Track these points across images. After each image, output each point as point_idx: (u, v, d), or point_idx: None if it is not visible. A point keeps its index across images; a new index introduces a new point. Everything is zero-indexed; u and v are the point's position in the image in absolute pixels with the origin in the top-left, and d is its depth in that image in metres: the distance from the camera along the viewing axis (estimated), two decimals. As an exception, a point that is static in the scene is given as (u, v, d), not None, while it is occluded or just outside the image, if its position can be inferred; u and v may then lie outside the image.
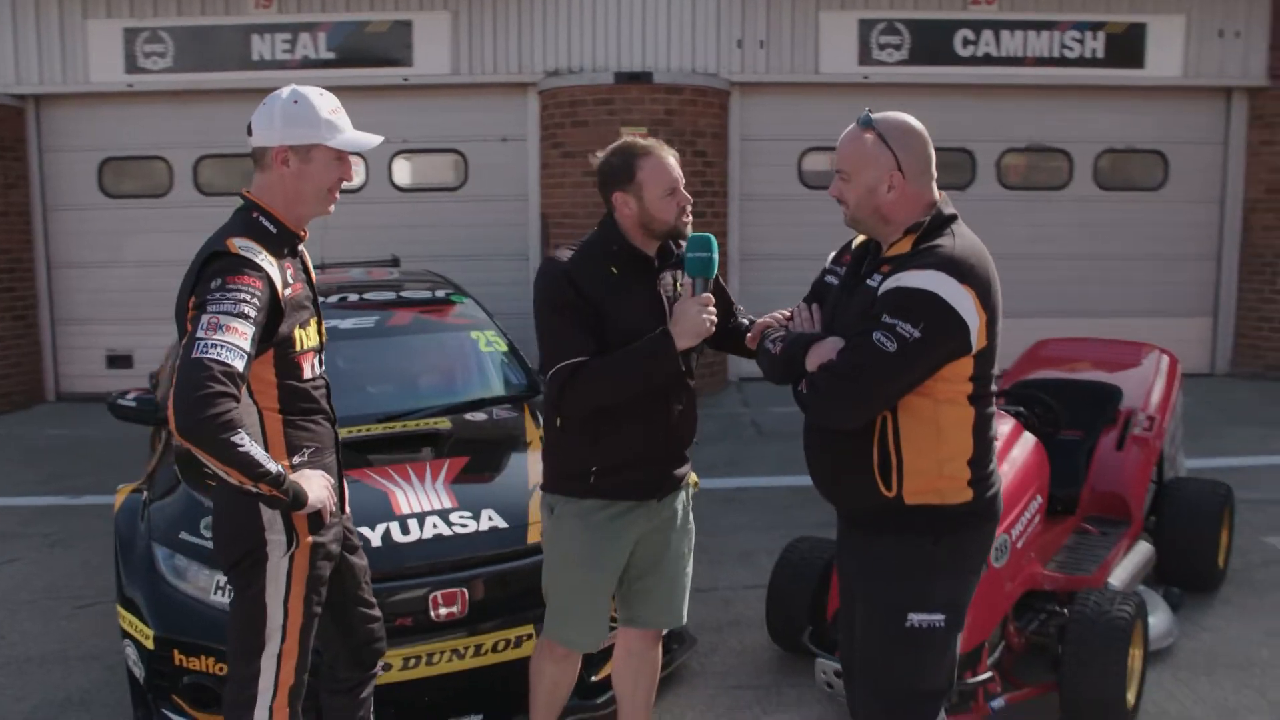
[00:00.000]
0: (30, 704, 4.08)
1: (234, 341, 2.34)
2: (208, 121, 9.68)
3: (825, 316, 2.75)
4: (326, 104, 2.67)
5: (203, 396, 2.26)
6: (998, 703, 3.63)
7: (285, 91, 2.67)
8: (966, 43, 9.75)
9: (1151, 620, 4.18)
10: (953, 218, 2.63)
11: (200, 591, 3.53)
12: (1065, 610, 3.82)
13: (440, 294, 5.51)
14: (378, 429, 4.36)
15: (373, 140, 2.77)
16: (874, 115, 2.63)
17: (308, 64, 9.49)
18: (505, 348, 5.26)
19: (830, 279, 2.86)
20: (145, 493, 4.06)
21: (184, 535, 3.67)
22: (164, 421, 4.61)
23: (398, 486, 3.84)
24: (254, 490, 2.40)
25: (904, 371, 2.44)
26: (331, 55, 9.55)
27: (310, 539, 2.64)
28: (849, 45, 9.76)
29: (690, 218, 3.06)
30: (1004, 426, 4.02)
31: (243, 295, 2.40)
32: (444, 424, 4.47)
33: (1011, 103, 9.93)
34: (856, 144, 2.60)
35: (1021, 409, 4.43)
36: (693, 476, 3.31)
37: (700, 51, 9.54)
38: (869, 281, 2.60)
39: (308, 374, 2.69)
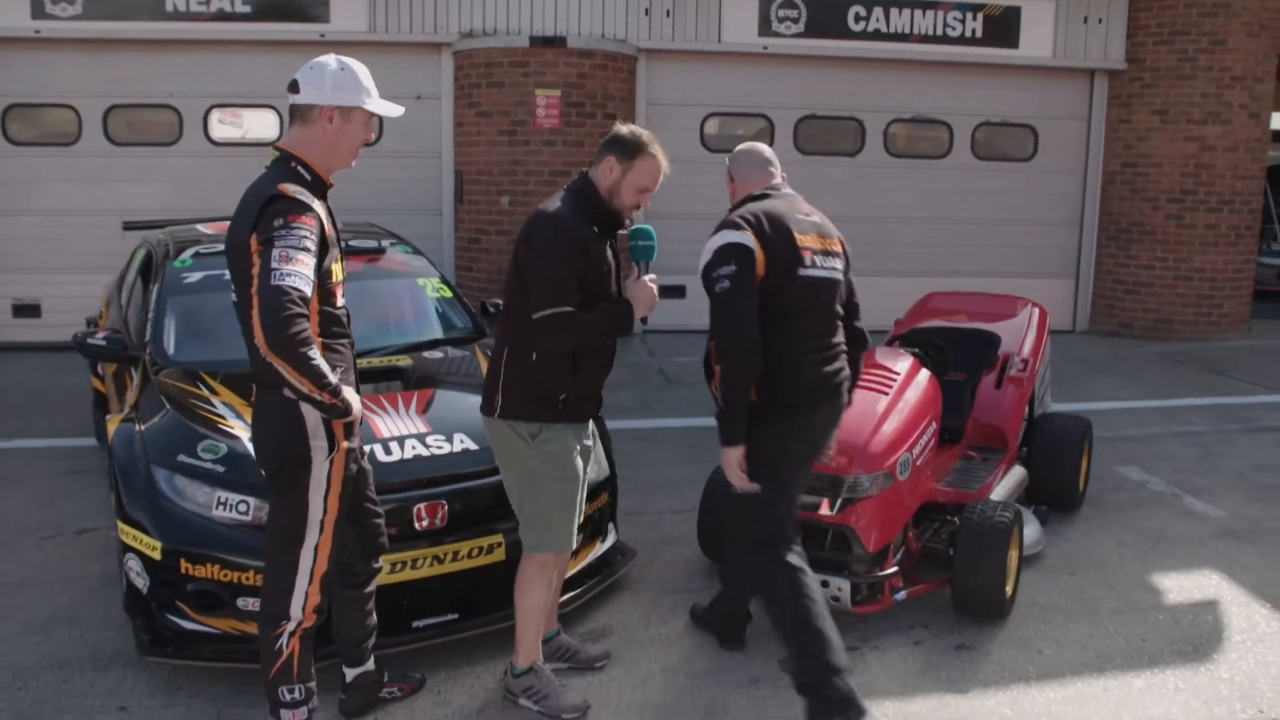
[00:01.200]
0: (18, 622, 4.32)
1: (302, 271, 2.78)
2: (118, 71, 9.70)
3: None
4: (365, 74, 3.10)
5: (286, 317, 2.70)
6: (900, 595, 4.28)
7: (332, 60, 3.08)
8: (858, 18, 10.41)
9: (1025, 530, 4.89)
10: (760, 196, 3.66)
11: (201, 508, 3.89)
12: (956, 520, 4.48)
13: (386, 244, 5.89)
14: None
15: (398, 109, 3.20)
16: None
17: (222, 17, 9.58)
18: (449, 293, 5.69)
19: None
20: (135, 422, 4.39)
21: (182, 458, 4.03)
22: (134, 359, 4.95)
23: (376, 414, 4.25)
24: (316, 398, 2.84)
25: (743, 295, 3.39)
26: (248, 9, 9.64)
27: (345, 444, 3.09)
28: (750, 17, 10.32)
29: (637, 215, 3.62)
30: (903, 363, 4.66)
31: (303, 232, 2.83)
32: (406, 361, 4.90)
33: (898, 76, 10.66)
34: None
35: (918, 350, 5.08)
36: None
37: (610, 18, 9.97)
38: None
39: (339, 302, 3.13)
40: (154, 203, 9.10)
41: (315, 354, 2.77)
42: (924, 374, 4.68)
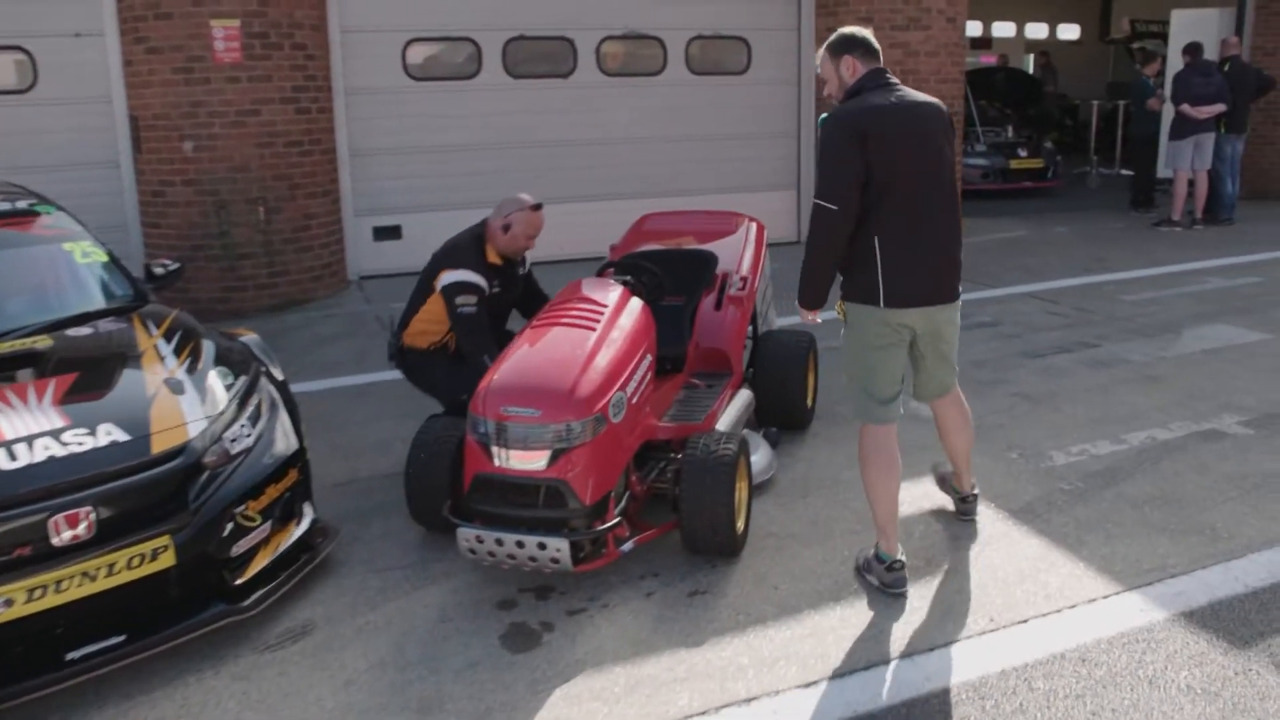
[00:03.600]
0: None
1: None
2: None
3: None
4: None
5: None
6: (627, 545, 3.97)
7: None
8: (560, -69, 9.94)
9: (755, 458, 4.70)
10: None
11: None
12: (680, 456, 4.23)
13: (22, 205, 5.02)
14: (-41, 356, 3.99)
15: None
16: None
17: None
18: (105, 258, 4.92)
19: None
20: None
21: None
22: None
23: (-6, 413, 3.57)
24: None
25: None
26: None
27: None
28: (447, -69, 9.67)
29: None
30: (612, 294, 4.33)
31: None
32: (44, 342, 4.16)
33: (608, -9, 10.28)
34: None
35: (629, 278, 4.76)
36: None
37: (289, -66, 9.06)
38: None
39: None
40: None
41: None
42: (635, 303, 4.36)
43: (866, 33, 3.90)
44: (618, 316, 4.18)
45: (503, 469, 3.78)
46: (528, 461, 3.76)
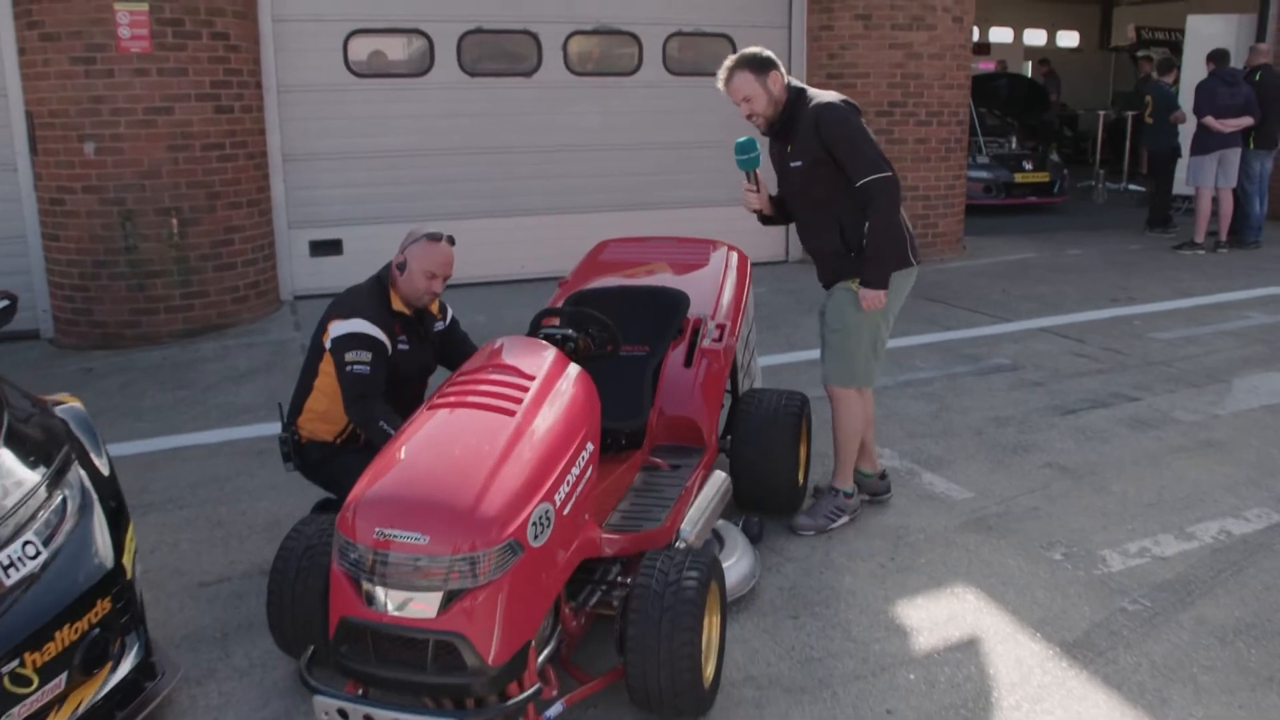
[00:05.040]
0: None
1: None
2: None
3: None
4: None
5: None
6: (553, 711, 2.89)
7: None
8: (523, -86, 8.85)
9: (730, 565, 3.65)
10: None
11: None
12: (629, 580, 3.16)
13: None
14: None
15: None
16: None
17: None
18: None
19: None
20: None
21: None
22: None
23: None
24: None
25: None
26: None
27: None
28: (392, -91, 8.57)
29: None
30: (542, 361, 3.25)
31: None
32: None
33: (576, -19, 9.19)
34: None
35: (571, 332, 3.69)
36: None
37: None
38: None
39: None
40: None
41: None
42: (572, 373, 3.29)
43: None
44: (547, 393, 3.10)
45: (377, 615, 2.70)
46: (412, 607, 2.68)
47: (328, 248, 8.74)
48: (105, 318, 7.64)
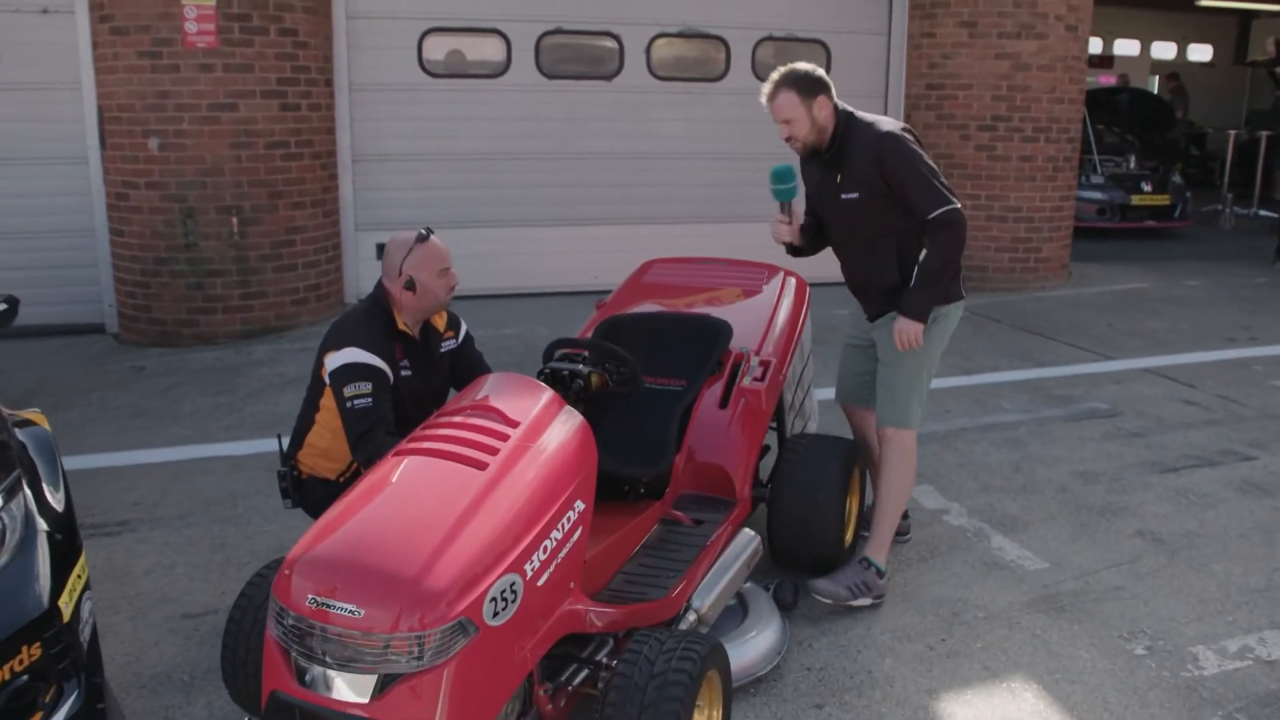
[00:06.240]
0: None
1: None
2: None
3: None
4: None
5: None
6: (512, 814, 2.50)
7: None
8: (609, -92, 8.48)
9: (751, 640, 3.20)
10: None
11: None
12: (614, 663, 2.73)
13: None
14: None
15: None
16: None
17: None
18: None
19: None
20: None
21: None
22: None
23: None
24: None
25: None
26: None
27: None
28: (476, -94, 8.28)
29: None
30: (533, 404, 2.85)
31: None
32: None
33: (663, -19, 8.79)
34: None
35: (581, 368, 3.27)
36: None
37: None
38: None
39: None
40: None
41: None
42: (565, 420, 2.87)
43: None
44: (530, 443, 2.69)
45: (304, 694, 2.33)
46: (343, 689, 2.30)
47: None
48: (164, 315, 7.51)
